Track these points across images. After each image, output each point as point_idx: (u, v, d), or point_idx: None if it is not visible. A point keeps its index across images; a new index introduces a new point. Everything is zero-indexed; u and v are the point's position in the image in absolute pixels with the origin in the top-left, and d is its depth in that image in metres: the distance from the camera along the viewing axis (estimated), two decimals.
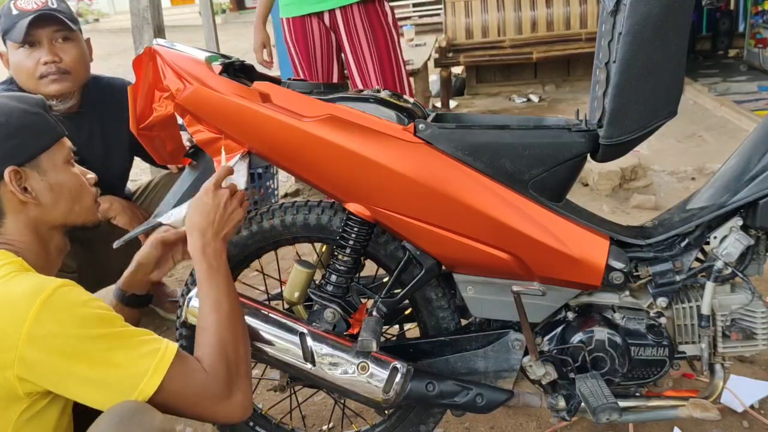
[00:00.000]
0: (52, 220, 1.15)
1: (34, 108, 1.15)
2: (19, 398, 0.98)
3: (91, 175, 1.25)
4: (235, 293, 1.22)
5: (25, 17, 1.85)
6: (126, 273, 1.34)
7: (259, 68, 1.50)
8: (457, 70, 6.41)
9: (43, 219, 1.14)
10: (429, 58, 5.43)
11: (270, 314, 1.39)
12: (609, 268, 1.33)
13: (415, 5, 11.61)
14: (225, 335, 1.13)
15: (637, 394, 1.45)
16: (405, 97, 1.44)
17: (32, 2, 1.88)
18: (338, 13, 2.54)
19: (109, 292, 1.35)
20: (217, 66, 1.33)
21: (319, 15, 2.55)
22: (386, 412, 1.59)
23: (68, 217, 1.17)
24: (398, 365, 1.36)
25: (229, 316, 1.16)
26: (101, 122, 2.07)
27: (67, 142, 1.20)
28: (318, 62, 2.63)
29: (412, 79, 4.72)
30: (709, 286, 1.35)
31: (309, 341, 1.36)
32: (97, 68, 2.09)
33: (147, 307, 1.40)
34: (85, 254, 1.94)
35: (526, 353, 1.43)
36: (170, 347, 1.03)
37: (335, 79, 2.68)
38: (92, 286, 2.25)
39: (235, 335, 1.15)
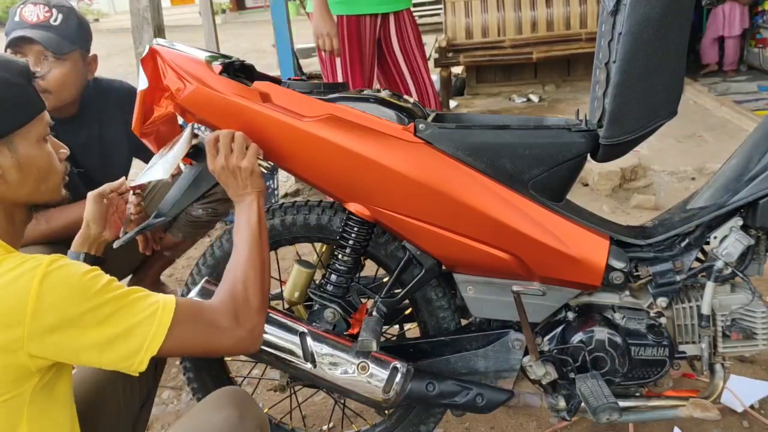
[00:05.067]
0: (17, 197, 1.10)
1: (17, 78, 1.07)
2: (31, 374, 0.99)
3: (64, 149, 1.19)
4: (259, 240, 1.22)
5: (19, 28, 1.84)
6: (77, 236, 1.35)
7: (260, 68, 1.50)
8: (457, 70, 6.41)
9: (7, 196, 1.09)
10: (429, 58, 5.43)
11: (270, 314, 1.39)
12: (609, 268, 1.33)
13: (415, 5, 11.56)
14: (238, 273, 1.16)
15: (637, 394, 1.45)
16: (405, 96, 1.44)
17: (35, 14, 1.86)
18: (392, 17, 2.60)
19: None
20: (217, 66, 1.33)
21: (374, 17, 2.58)
22: (386, 412, 1.59)
23: (33, 196, 1.13)
24: (398, 365, 1.36)
25: (249, 257, 1.19)
26: (100, 125, 2.06)
27: (46, 116, 1.13)
28: (367, 62, 2.65)
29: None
30: (710, 286, 1.35)
31: (309, 341, 1.36)
32: (97, 68, 2.09)
33: None
34: None
35: (526, 353, 1.43)
36: (169, 298, 1.06)
37: (374, 81, 2.71)
38: None
39: (246, 273, 1.17)
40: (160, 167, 1.33)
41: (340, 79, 2.61)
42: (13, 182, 1.07)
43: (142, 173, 1.39)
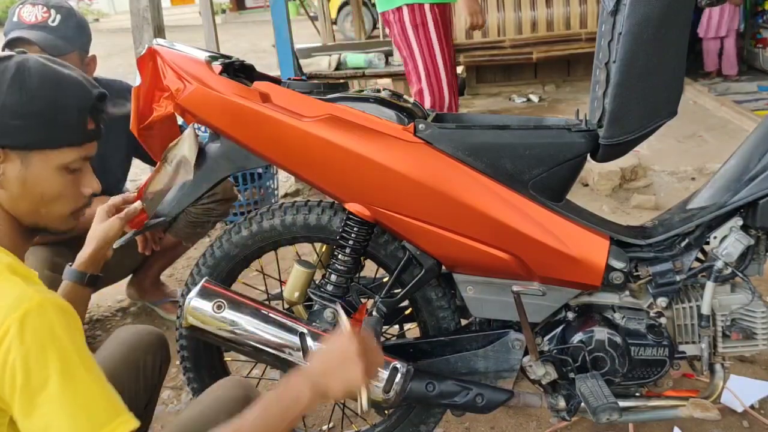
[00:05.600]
0: (14, 210, 1.04)
1: (67, 101, 1.03)
2: None
3: (90, 189, 1.11)
4: None
5: (17, 29, 1.84)
6: (85, 254, 1.30)
7: (260, 68, 1.50)
8: (457, 70, 6.41)
9: (5, 205, 1.03)
10: None
11: (270, 314, 1.39)
12: (609, 268, 1.33)
13: None
14: None
15: (637, 394, 1.45)
16: (405, 96, 1.45)
17: (33, 15, 1.85)
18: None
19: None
20: (217, 66, 1.33)
21: (452, 6, 2.76)
22: (386, 412, 1.59)
23: (31, 216, 1.06)
24: (398, 365, 1.36)
25: None
26: None
27: (87, 151, 1.07)
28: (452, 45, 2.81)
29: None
30: (709, 286, 1.35)
31: (309, 341, 1.36)
32: (97, 68, 2.09)
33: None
34: None
35: (526, 353, 1.43)
36: (131, 422, 0.90)
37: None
38: None
39: None
40: (182, 170, 1.34)
41: (441, 69, 2.71)
42: (12, 193, 1.02)
43: (155, 179, 1.39)
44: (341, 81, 2.84)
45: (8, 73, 1.00)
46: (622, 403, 1.36)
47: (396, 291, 1.44)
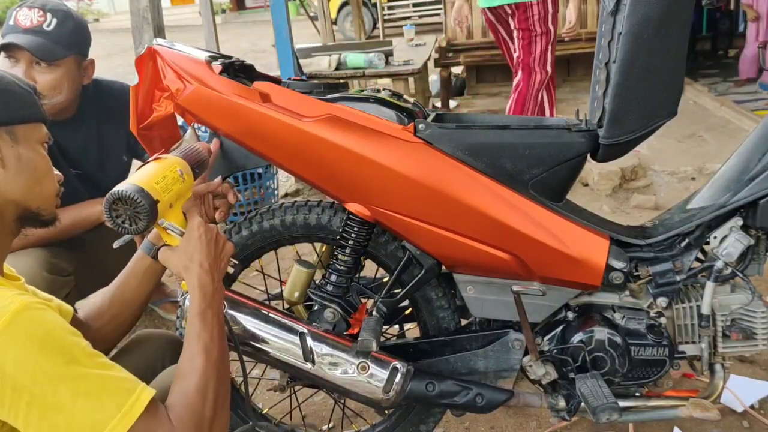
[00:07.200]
0: (11, 192, 1.05)
1: (25, 85, 1.12)
2: None
3: (59, 174, 1.17)
4: (225, 340, 1.11)
5: (12, 33, 1.83)
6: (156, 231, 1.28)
7: (260, 68, 1.50)
8: (457, 70, 6.40)
9: (2, 188, 1.05)
10: (429, 58, 5.43)
11: (270, 314, 1.39)
12: (609, 268, 1.33)
13: (415, 5, 11.62)
14: (205, 387, 1.03)
15: (637, 394, 1.45)
16: (405, 96, 1.45)
17: (29, 19, 1.83)
18: None
19: (105, 293, 1.31)
20: (217, 66, 1.33)
21: None
22: (386, 411, 1.59)
23: (27, 196, 1.07)
24: (398, 365, 1.36)
25: (216, 365, 1.05)
26: (98, 125, 2.06)
27: (45, 129, 1.13)
28: None
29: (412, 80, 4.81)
30: (709, 286, 1.35)
31: (309, 341, 1.36)
32: (97, 68, 2.09)
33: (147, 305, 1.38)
34: (82, 257, 1.93)
35: (526, 353, 1.43)
36: (142, 396, 0.94)
37: None
38: (90, 288, 2.22)
39: (216, 388, 1.04)
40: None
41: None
42: (10, 170, 1.05)
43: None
44: (341, 81, 2.84)
45: None
46: (622, 403, 1.36)
47: (396, 291, 1.44)
